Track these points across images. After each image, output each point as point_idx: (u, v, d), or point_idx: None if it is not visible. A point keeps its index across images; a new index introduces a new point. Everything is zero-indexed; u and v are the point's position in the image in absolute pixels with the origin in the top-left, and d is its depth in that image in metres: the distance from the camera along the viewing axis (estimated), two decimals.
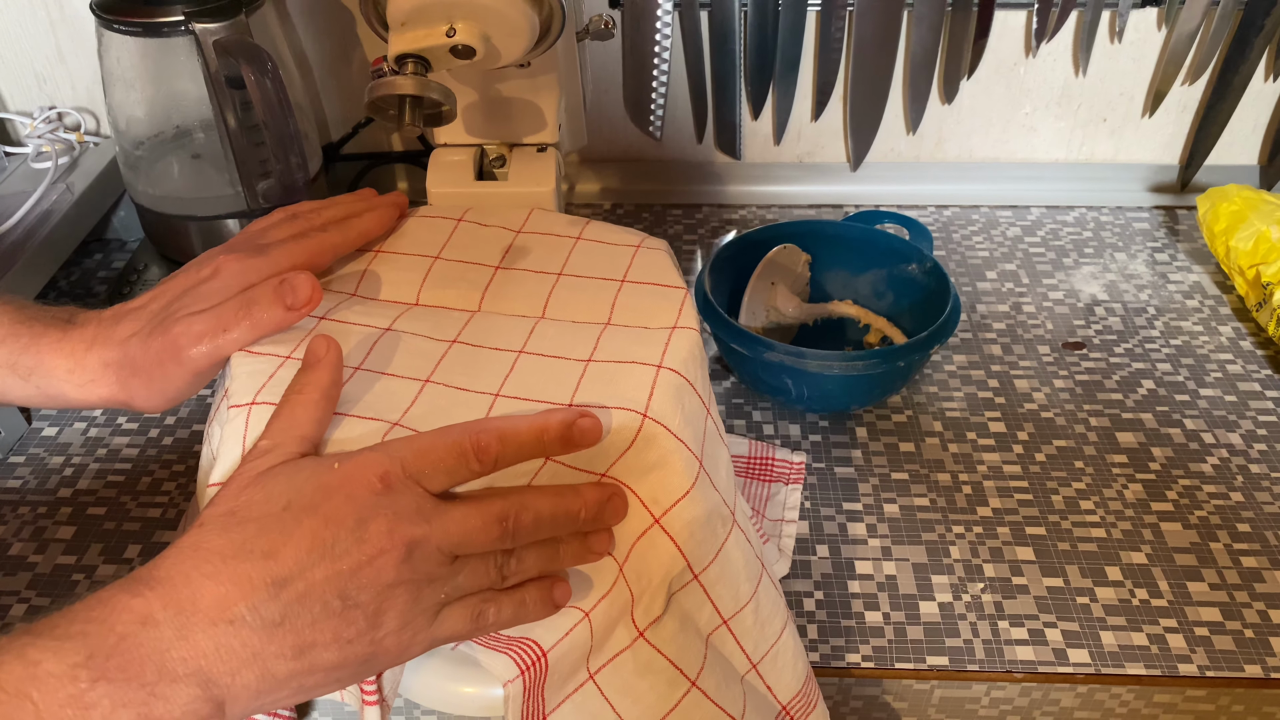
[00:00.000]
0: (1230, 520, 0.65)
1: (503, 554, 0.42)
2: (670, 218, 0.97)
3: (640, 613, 0.45)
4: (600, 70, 0.94)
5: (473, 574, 0.41)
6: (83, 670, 0.33)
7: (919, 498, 0.68)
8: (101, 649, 0.34)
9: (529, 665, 0.44)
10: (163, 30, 0.75)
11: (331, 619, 0.37)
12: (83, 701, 0.33)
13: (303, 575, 0.37)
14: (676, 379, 0.47)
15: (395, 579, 0.38)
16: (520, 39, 0.55)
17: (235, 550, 0.37)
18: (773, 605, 0.51)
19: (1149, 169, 0.98)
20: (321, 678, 0.38)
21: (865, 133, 0.96)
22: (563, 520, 0.43)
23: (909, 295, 0.76)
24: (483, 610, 0.42)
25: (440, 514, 0.40)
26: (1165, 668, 0.57)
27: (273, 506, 0.39)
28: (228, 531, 0.38)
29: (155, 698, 0.34)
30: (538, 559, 0.43)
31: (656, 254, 0.56)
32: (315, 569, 0.37)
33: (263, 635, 0.36)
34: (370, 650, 0.39)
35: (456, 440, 0.41)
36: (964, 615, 0.60)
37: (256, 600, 0.36)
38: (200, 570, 0.37)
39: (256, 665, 0.36)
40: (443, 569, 0.40)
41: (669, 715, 0.46)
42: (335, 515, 0.38)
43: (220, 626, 0.36)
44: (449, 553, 0.40)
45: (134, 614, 0.35)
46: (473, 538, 0.40)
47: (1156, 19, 0.90)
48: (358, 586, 0.38)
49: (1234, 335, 0.81)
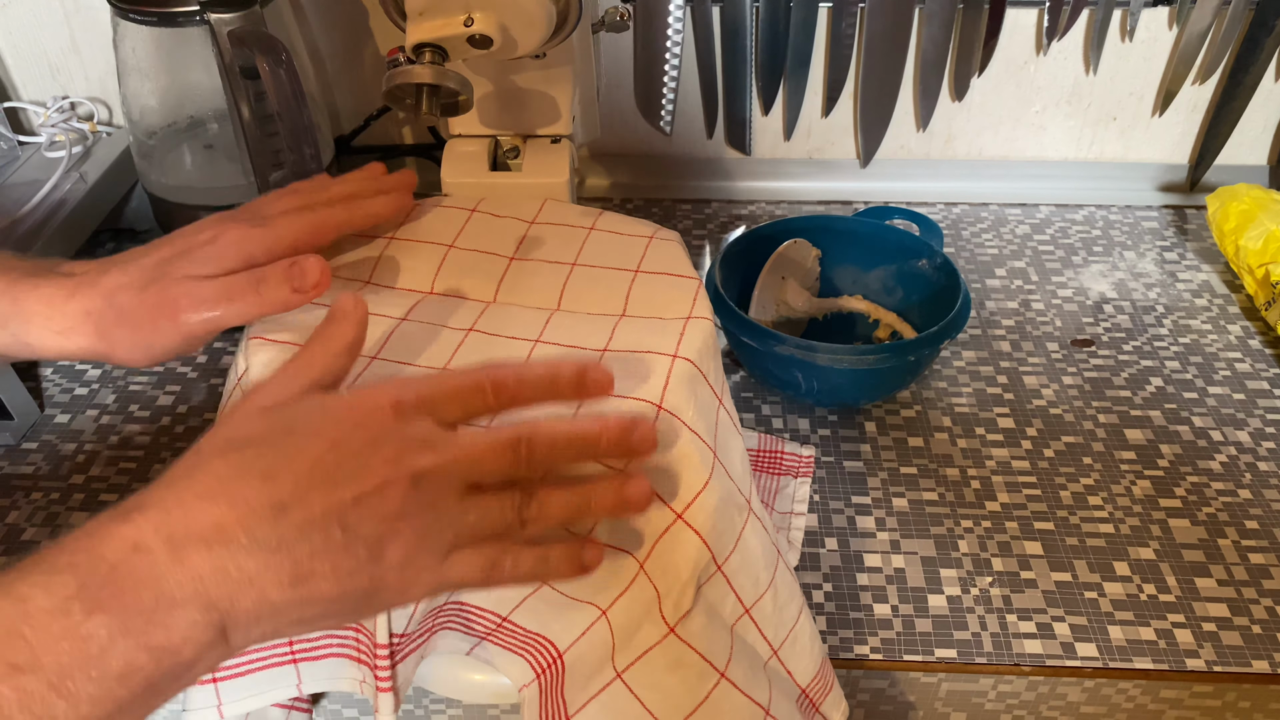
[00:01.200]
0: (1238, 517, 0.66)
1: (522, 495, 0.39)
2: (680, 213, 0.97)
3: (669, 608, 0.45)
4: (611, 65, 0.94)
5: (486, 513, 0.39)
6: (76, 603, 0.32)
7: (928, 492, 0.68)
8: (93, 579, 0.32)
9: (545, 668, 0.45)
10: (178, 20, 0.75)
11: (332, 549, 0.36)
12: (79, 634, 0.32)
13: (303, 501, 0.35)
14: (690, 369, 0.47)
15: (400, 510, 0.36)
16: (537, 29, 0.55)
17: (233, 472, 0.36)
18: (789, 590, 0.51)
19: (1159, 168, 0.99)
20: (321, 610, 0.36)
21: (875, 129, 0.96)
22: (581, 446, 0.40)
23: (919, 291, 0.76)
24: (498, 560, 0.39)
25: (449, 442, 0.38)
26: (1172, 663, 0.57)
27: (276, 431, 0.37)
28: (225, 455, 0.36)
29: (154, 624, 0.33)
30: (564, 505, 0.40)
31: (670, 245, 0.57)
32: (316, 495, 0.36)
33: (259, 560, 0.34)
34: (370, 585, 0.37)
35: (473, 375, 0.40)
36: (972, 609, 0.60)
37: (254, 523, 0.35)
38: (194, 492, 0.35)
39: (253, 590, 0.35)
40: (452, 503, 0.38)
41: (700, 707, 0.46)
42: (340, 441, 0.37)
43: (216, 549, 0.34)
44: (459, 483, 0.38)
45: (125, 541, 0.34)
46: (483, 461, 0.38)
47: (1168, 18, 0.90)
48: (360, 516, 0.36)
49: (1243, 334, 0.81)
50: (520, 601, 0.48)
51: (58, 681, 0.31)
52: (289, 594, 0.35)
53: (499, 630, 0.49)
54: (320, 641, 0.49)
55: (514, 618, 0.48)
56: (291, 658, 0.49)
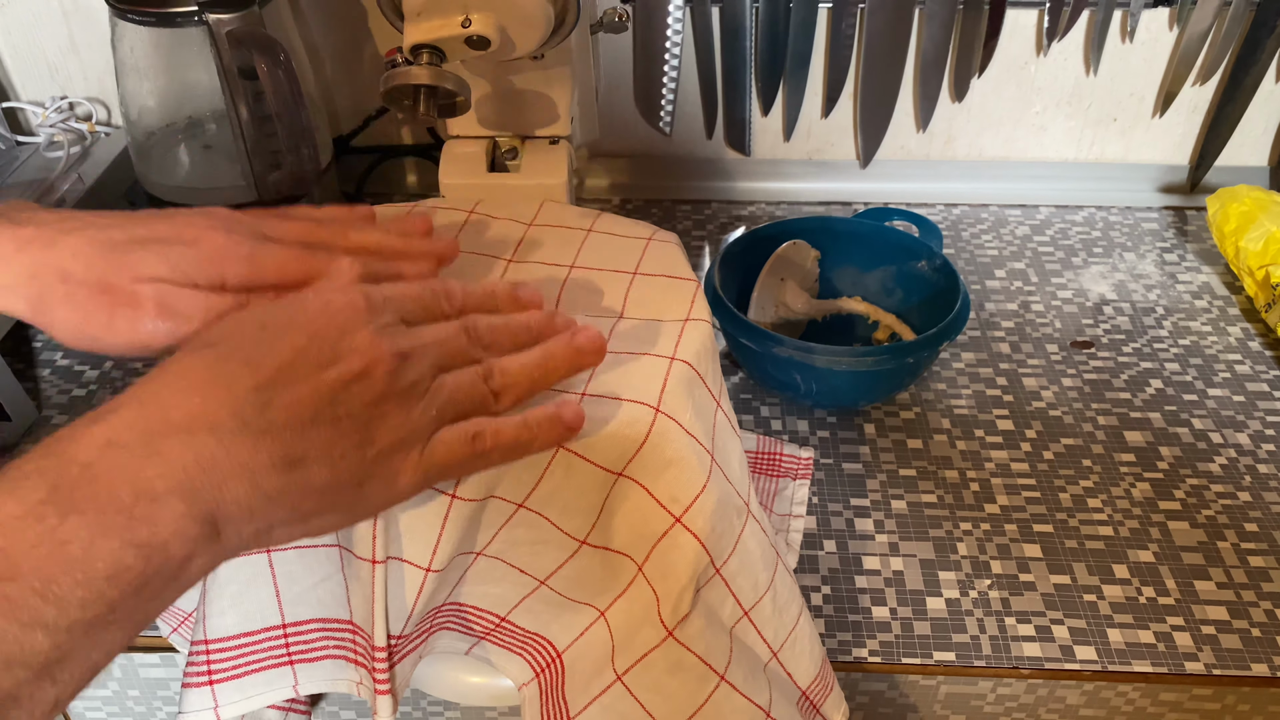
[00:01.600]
0: (1238, 520, 0.65)
1: (484, 367, 0.40)
2: (679, 213, 0.97)
3: (668, 611, 0.45)
4: (611, 65, 0.94)
5: (458, 384, 0.39)
6: (49, 507, 0.30)
7: (926, 494, 0.68)
8: (65, 481, 0.31)
9: (544, 667, 0.45)
10: (176, 20, 0.75)
11: (322, 429, 0.35)
12: (56, 538, 0.30)
13: (289, 384, 0.35)
14: (688, 371, 0.47)
15: (385, 391, 0.36)
16: (535, 30, 0.55)
17: (211, 363, 0.35)
18: (789, 591, 0.51)
19: (1159, 169, 0.98)
20: (314, 502, 0.35)
21: (875, 130, 0.96)
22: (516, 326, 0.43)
23: (918, 292, 0.76)
24: (479, 433, 0.39)
25: (417, 330, 0.39)
26: (1172, 666, 0.57)
27: (249, 327, 0.36)
28: (199, 351, 0.35)
29: (137, 520, 0.31)
30: (524, 366, 0.41)
31: (668, 246, 0.56)
32: (301, 379, 0.35)
33: (249, 444, 0.33)
34: (360, 472, 0.36)
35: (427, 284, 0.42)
36: (971, 611, 0.60)
37: (240, 406, 0.33)
38: (171, 388, 0.34)
39: (244, 477, 0.33)
40: (429, 382, 0.38)
41: (700, 710, 0.46)
42: (317, 330, 0.37)
43: (199, 435, 0.32)
44: (432, 364, 0.39)
45: (96, 440, 0.32)
46: (447, 344, 0.40)
47: (1168, 19, 0.90)
48: (348, 396, 0.36)
49: (1243, 336, 0.81)
50: (519, 601, 0.48)
51: (42, 587, 0.29)
52: (281, 480, 0.34)
53: (498, 630, 0.49)
54: (317, 643, 0.49)
55: (512, 618, 0.48)
56: (288, 659, 0.49)
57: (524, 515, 0.45)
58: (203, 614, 0.48)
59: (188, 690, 0.48)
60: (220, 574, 0.47)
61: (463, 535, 0.44)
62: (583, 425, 0.42)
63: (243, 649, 0.48)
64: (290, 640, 0.48)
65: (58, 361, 0.79)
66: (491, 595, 0.48)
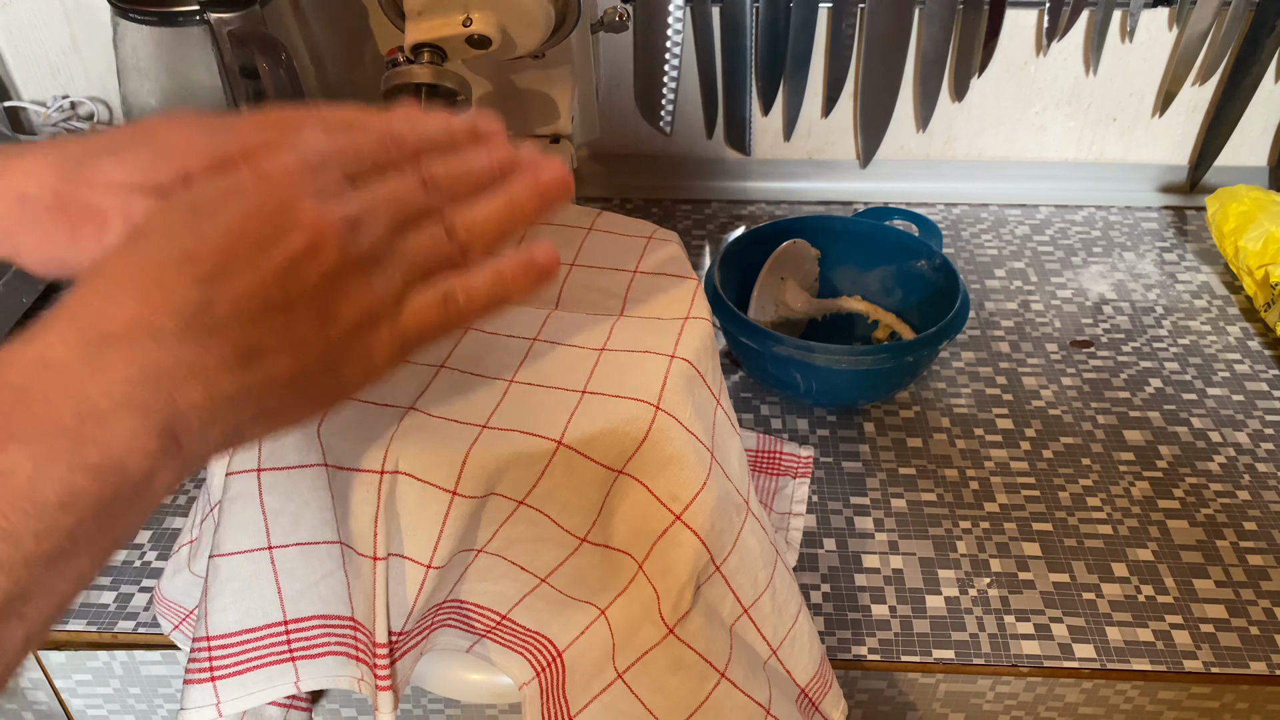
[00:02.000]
0: (1237, 518, 0.66)
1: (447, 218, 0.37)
2: (679, 213, 0.98)
3: (668, 609, 0.46)
4: (611, 65, 0.94)
5: (419, 244, 0.36)
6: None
7: (926, 493, 0.68)
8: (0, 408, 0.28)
9: (544, 666, 0.45)
10: (178, 20, 0.75)
11: (275, 316, 0.32)
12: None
13: (231, 274, 0.31)
14: (688, 369, 0.47)
15: (339, 265, 0.33)
16: (536, 30, 0.55)
17: (142, 263, 0.31)
18: (788, 589, 0.51)
19: (1158, 169, 0.99)
20: (281, 396, 0.33)
21: (875, 130, 0.96)
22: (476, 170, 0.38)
23: (918, 291, 0.76)
24: (451, 291, 0.36)
25: (365, 190, 0.35)
26: (1170, 664, 0.57)
27: (179, 214, 0.33)
28: (129, 248, 0.32)
29: (84, 442, 0.28)
30: (489, 212, 0.37)
31: (668, 245, 0.57)
32: (244, 266, 0.31)
33: (197, 345, 0.30)
34: (329, 355, 0.34)
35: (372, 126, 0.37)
36: (970, 610, 0.60)
37: (182, 305, 0.30)
38: (104, 295, 0.31)
39: (199, 381, 0.30)
40: (387, 247, 0.35)
41: (701, 707, 0.46)
42: (257, 206, 0.32)
43: (141, 344, 0.30)
44: (387, 224, 0.35)
45: (29, 361, 0.29)
46: (400, 198, 0.35)
47: (1168, 19, 0.90)
48: (299, 276, 0.32)
49: (1242, 335, 0.81)
50: (519, 600, 0.48)
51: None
52: (240, 379, 0.31)
53: (498, 628, 0.49)
54: (318, 640, 0.49)
55: (513, 615, 0.48)
56: (290, 656, 0.49)
57: (524, 512, 0.45)
58: (204, 610, 0.48)
59: (189, 686, 0.48)
60: (222, 571, 0.47)
61: (463, 532, 0.44)
62: (557, 262, 0.39)
63: (244, 645, 0.48)
64: (292, 637, 0.48)
65: None
66: (492, 593, 0.48)
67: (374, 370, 0.35)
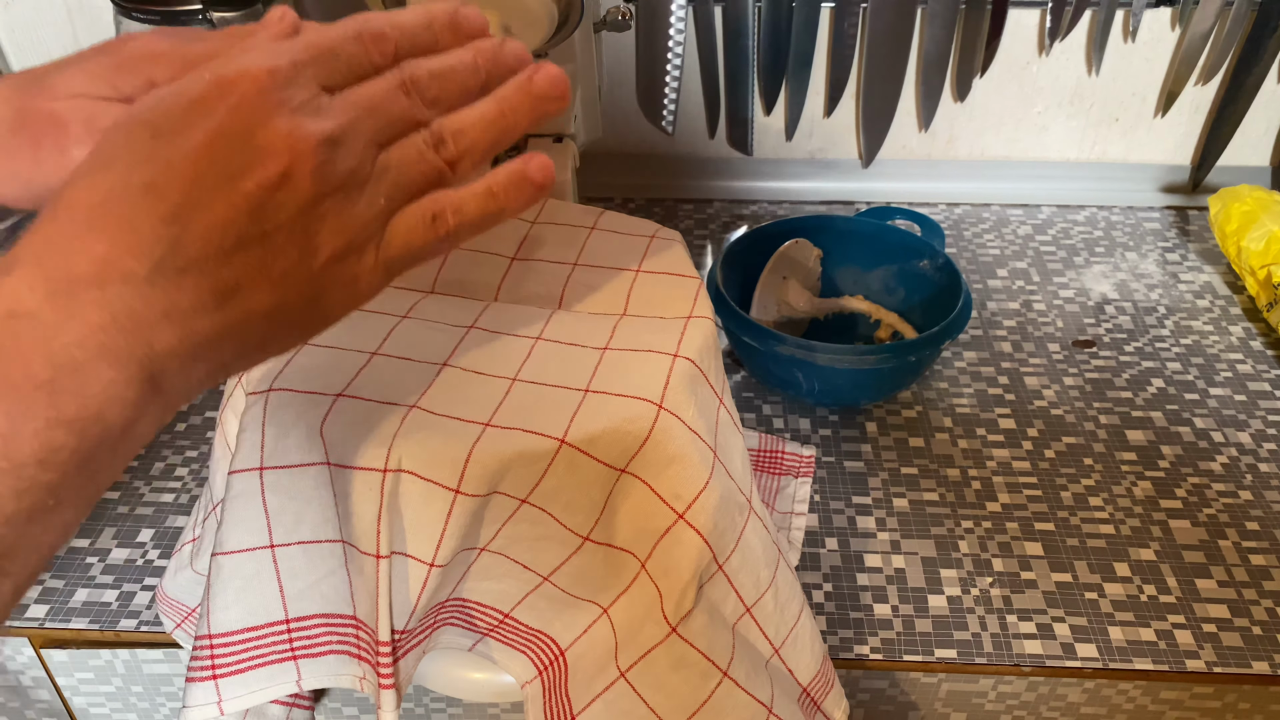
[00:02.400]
0: (1239, 518, 0.65)
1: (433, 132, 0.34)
2: (681, 212, 0.98)
3: (671, 608, 0.46)
4: (613, 65, 0.94)
5: (404, 159, 0.33)
6: None
7: (928, 492, 0.68)
8: None
9: (547, 665, 0.45)
10: (180, 19, 0.75)
11: (251, 250, 0.30)
12: None
13: (200, 206, 0.29)
14: (691, 368, 0.47)
15: (317, 190, 0.31)
16: (539, 29, 0.55)
17: (105, 196, 0.29)
18: (790, 588, 0.51)
19: (1161, 169, 0.99)
20: (264, 329, 0.31)
21: (877, 130, 0.96)
22: (461, 69, 0.35)
23: (920, 291, 0.76)
24: (439, 210, 0.34)
25: (342, 101, 0.32)
26: (1173, 664, 0.57)
27: (139, 137, 0.30)
28: (90, 177, 0.30)
29: (60, 394, 0.27)
30: (478, 122, 0.34)
31: (671, 244, 0.57)
32: (214, 196, 0.29)
33: (168, 287, 0.29)
34: (312, 286, 0.32)
35: (345, 26, 0.34)
36: (972, 609, 0.60)
37: (148, 247, 0.29)
38: (66, 233, 0.29)
39: (173, 325, 0.29)
40: (367, 165, 0.32)
41: (703, 706, 0.46)
42: (221, 128, 0.30)
43: (112, 288, 0.28)
44: (367, 140, 0.32)
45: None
46: (380, 108, 0.33)
47: (1170, 19, 0.90)
48: (274, 206, 0.30)
49: (1244, 335, 0.81)
50: (522, 598, 0.48)
51: None
52: (218, 318, 0.30)
53: (501, 626, 0.49)
54: (320, 638, 0.49)
55: (516, 614, 0.48)
56: (292, 654, 0.49)
57: (527, 511, 0.45)
58: (206, 609, 0.48)
59: (191, 685, 0.48)
60: (224, 569, 0.47)
61: (466, 530, 0.44)
62: (553, 178, 0.36)
63: (246, 644, 0.48)
64: (294, 635, 0.48)
65: None
66: (494, 591, 0.48)
67: (359, 297, 0.34)
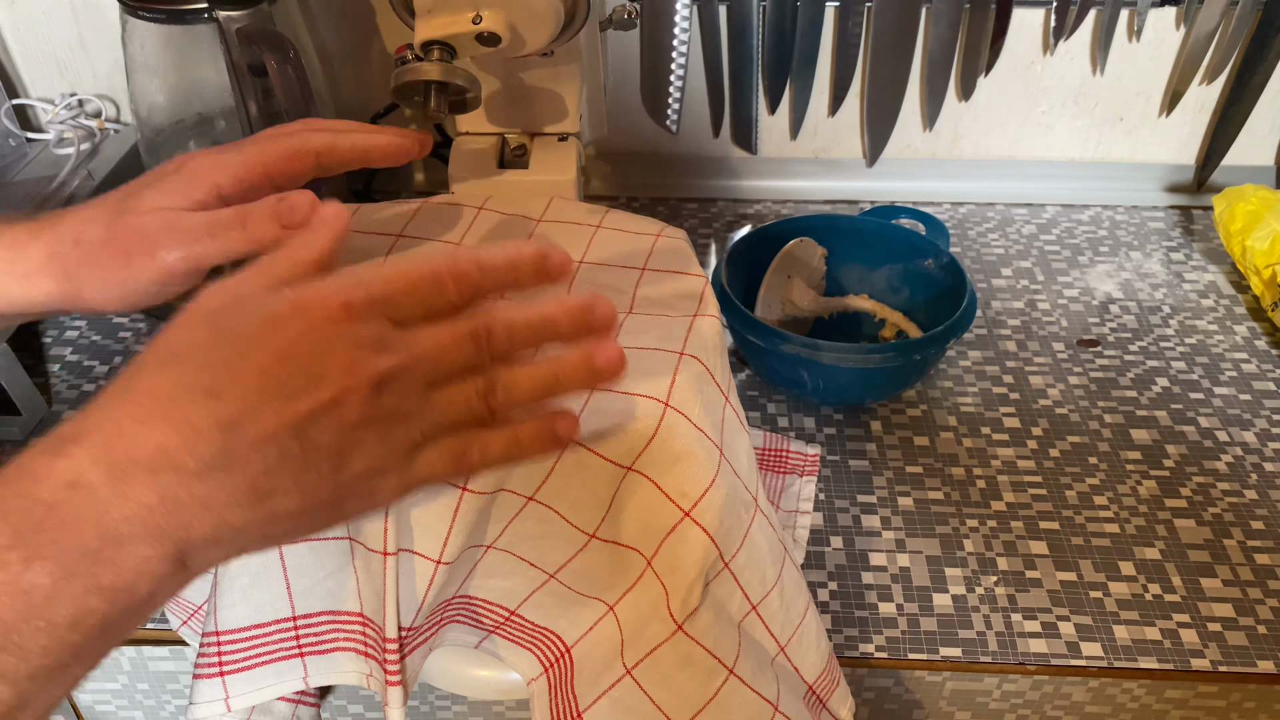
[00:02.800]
0: (1244, 517, 0.65)
1: (486, 383, 0.36)
2: (686, 211, 0.98)
3: (677, 605, 0.46)
4: (618, 63, 0.94)
5: (451, 404, 0.36)
6: (12, 553, 0.29)
7: (933, 491, 0.68)
8: (29, 524, 0.30)
9: (553, 662, 0.45)
10: (186, 17, 0.75)
11: (290, 464, 0.33)
12: (19, 586, 0.29)
13: (253, 417, 0.32)
14: (697, 366, 0.47)
15: (361, 418, 0.33)
16: (545, 27, 0.55)
17: (172, 390, 0.32)
18: (795, 586, 0.51)
19: (1165, 168, 0.98)
20: (287, 526, 0.34)
21: (882, 129, 0.96)
22: (541, 328, 0.37)
23: (925, 290, 0.76)
24: (466, 451, 0.37)
25: (406, 342, 0.35)
26: (1178, 663, 0.57)
27: (217, 341, 0.33)
28: (164, 369, 0.33)
29: (103, 564, 0.30)
30: (531, 384, 0.37)
31: (676, 243, 0.57)
32: (267, 410, 0.32)
33: (212, 484, 0.32)
34: (335, 495, 0.34)
35: (433, 265, 0.36)
36: (977, 608, 0.60)
37: (201, 445, 0.31)
38: (132, 415, 0.32)
39: (209, 516, 0.32)
40: (415, 403, 0.35)
41: (709, 704, 0.46)
42: (288, 349, 0.33)
43: (163, 475, 0.31)
44: (421, 383, 0.35)
45: (60, 477, 0.30)
46: (444, 356, 0.35)
47: (1175, 18, 0.90)
48: (319, 429, 0.33)
49: (1249, 335, 0.81)
50: (528, 596, 0.48)
51: (2, 638, 0.29)
52: (249, 514, 0.33)
53: (507, 624, 0.49)
54: (327, 635, 0.49)
55: (522, 612, 0.48)
56: (299, 651, 0.49)
57: (534, 508, 0.45)
58: (214, 606, 0.48)
59: (199, 681, 0.48)
60: (231, 566, 0.47)
61: (473, 528, 0.44)
62: (576, 433, 0.39)
63: (253, 641, 0.48)
64: (301, 632, 0.49)
65: (67, 357, 0.79)
66: (501, 588, 0.48)
67: (375, 507, 0.36)
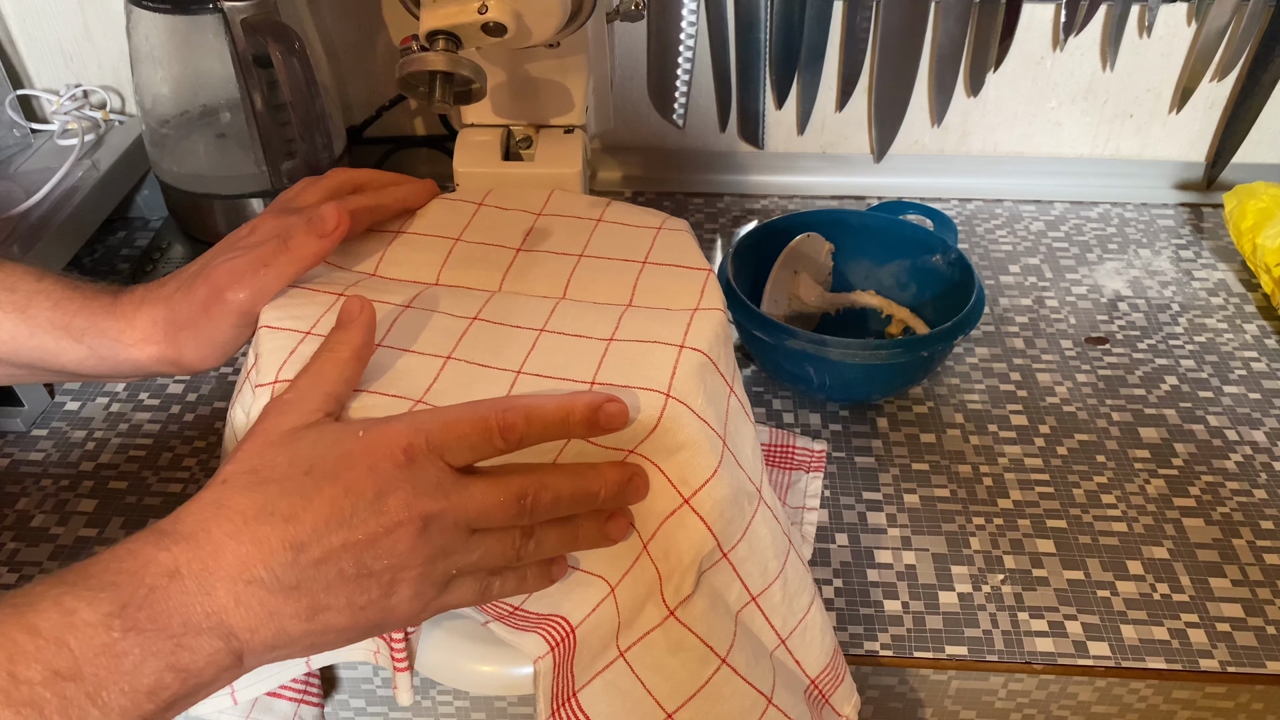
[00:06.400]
0: (1253, 517, 0.65)
1: (521, 534, 0.43)
2: (692, 206, 0.97)
3: (670, 592, 0.45)
4: (625, 57, 0.93)
5: (489, 552, 0.42)
6: (115, 620, 0.34)
7: (939, 488, 0.67)
8: (133, 600, 0.35)
9: (559, 640, 0.45)
10: (191, 8, 0.75)
11: (346, 585, 0.38)
12: (114, 650, 0.34)
13: (320, 541, 0.38)
14: (699, 358, 0.47)
15: (410, 551, 0.39)
16: (552, 18, 0.55)
17: (257, 511, 0.38)
18: (800, 581, 0.51)
19: (1175, 166, 0.98)
20: (333, 638, 0.40)
21: (890, 124, 0.96)
22: (581, 499, 0.43)
23: (932, 286, 0.76)
24: (489, 582, 0.43)
25: (459, 489, 0.40)
26: (1186, 663, 0.57)
27: (295, 470, 0.39)
28: (250, 491, 0.39)
29: (181, 648, 0.36)
30: (556, 541, 0.44)
31: (678, 235, 0.56)
32: (333, 536, 0.38)
33: (279, 596, 0.37)
34: (381, 617, 0.40)
35: (483, 416, 0.41)
36: (983, 606, 0.60)
37: (275, 563, 0.37)
38: (222, 528, 0.38)
39: (273, 623, 0.38)
40: (458, 543, 0.41)
41: (700, 692, 0.46)
42: (356, 485, 0.39)
43: (240, 585, 0.37)
44: (465, 527, 0.41)
45: (161, 567, 0.36)
46: (490, 514, 0.41)
47: (1186, 14, 0.90)
48: (373, 556, 0.39)
49: (1259, 333, 0.81)
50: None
51: (94, 691, 0.33)
52: (305, 626, 0.38)
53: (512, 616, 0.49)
54: None
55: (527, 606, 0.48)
56: None
57: None
58: None
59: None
60: None
61: None
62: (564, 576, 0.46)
63: None
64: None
65: None
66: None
67: (407, 624, 0.42)
